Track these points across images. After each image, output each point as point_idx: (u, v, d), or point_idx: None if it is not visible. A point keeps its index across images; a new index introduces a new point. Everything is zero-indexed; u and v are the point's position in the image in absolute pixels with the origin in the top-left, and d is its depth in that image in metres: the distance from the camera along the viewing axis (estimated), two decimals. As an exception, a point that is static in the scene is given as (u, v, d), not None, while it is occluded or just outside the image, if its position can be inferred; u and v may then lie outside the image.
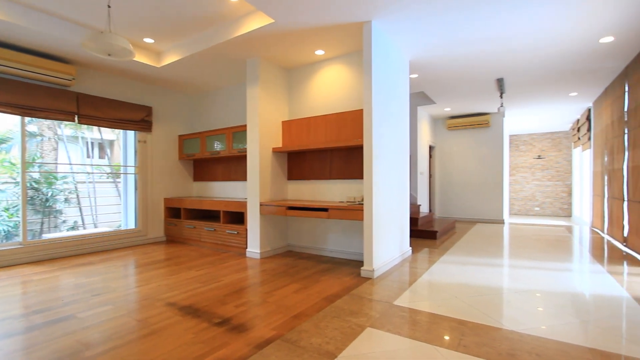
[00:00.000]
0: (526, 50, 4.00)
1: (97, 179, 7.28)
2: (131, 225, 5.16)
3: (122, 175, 5.31)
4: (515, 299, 2.65)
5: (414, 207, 6.19)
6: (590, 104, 6.69)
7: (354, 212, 3.34)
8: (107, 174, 7.54)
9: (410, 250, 4.29)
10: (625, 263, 3.80)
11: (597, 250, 4.56)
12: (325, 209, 3.54)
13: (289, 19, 3.18)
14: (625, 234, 4.56)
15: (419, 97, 6.14)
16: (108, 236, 4.71)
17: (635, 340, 1.95)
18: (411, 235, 5.60)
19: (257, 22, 3.36)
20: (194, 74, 4.73)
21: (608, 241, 5.17)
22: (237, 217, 4.80)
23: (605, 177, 5.54)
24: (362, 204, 3.35)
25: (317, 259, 4.00)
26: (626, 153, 4.52)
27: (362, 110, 3.73)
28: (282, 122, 4.44)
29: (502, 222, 7.65)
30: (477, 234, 6.00)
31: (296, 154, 4.47)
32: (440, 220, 6.97)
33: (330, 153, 4.15)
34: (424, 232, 5.52)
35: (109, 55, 2.87)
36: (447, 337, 1.98)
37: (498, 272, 3.41)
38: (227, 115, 5.30)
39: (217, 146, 5.01)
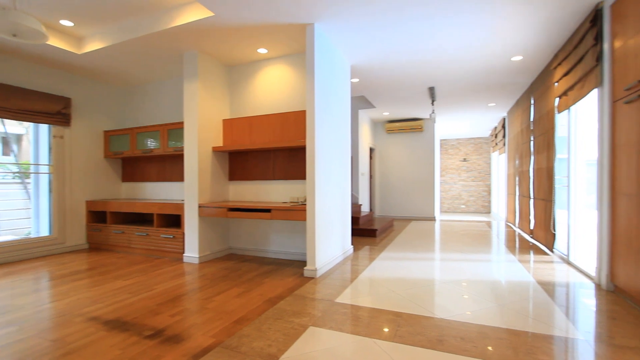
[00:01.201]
0: (452, 64, 4.40)
1: (0, 180, 6.24)
2: (44, 232, 4.52)
3: (32, 175, 4.62)
4: (444, 289, 2.89)
5: (356, 207, 6.41)
6: (505, 114, 7.61)
7: (297, 212, 3.35)
8: (13, 173, 6.51)
9: (352, 249, 4.43)
10: (531, 252, 4.39)
11: (510, 242, 5.19)
12: (268, 210, 3.48)
13: (229, 14, 3.08)
14: (532, 227, 5.27)
15: (360, 101, 6.39)
16: (13, 246, 4.06)
17: (539, 319, 2.26)
18: (353, 234, 5.79)
19: (195, 14, 3.19)
20: (123, 64, 4.31)
21: (519, 234, 5.93)
22: (173, 220, 4.49)
23: (516, 178, 6.34)
24: (305, 204, 3.38)
25: (260, 261, 3.92)
26: (532, 157, 5.23)
27: (305, 111, 3.76)
28: (223, 120, 4.27)
29: (433, 219, 8.31)
30: (412, 231, 6.43)
31: (238, 153, 4.33)
32: (380, 218, 7.33)
33: (274, 153, 4.11)
34: (365, 230, 5.75)
35: (14, 36, 2.48)
36: (384, 330, 2.08)
37: (430, 266, 3.69)
38: (162, 111, 4.93)
39: (151, 144, 4.64)
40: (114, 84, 5.15)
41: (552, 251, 4.30)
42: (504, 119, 7.74)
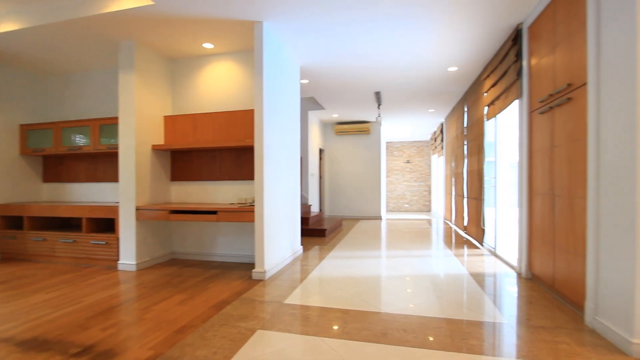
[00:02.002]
0: (396, 71, 4.64)
1: None
2: (-61, 242, 3.82)
3: None
4: (390, 284, 3.03)
5: (305, 207, 6.44)
6: (443, 120, 8.23)
7: (245, 213, 3.26)
8: None
9: (302, 249, 4.44)
10: (465, 247, 4.79)
11: (448, 238, 5.62)
12: (214, 212, 3.34)
13: (171, 4, 2.90)
14: (465, 224, 5.76)
15: (309, 102, 6.44)
16: None
17: (471, 307, 2.47)
18: (303, 234, 5.81)
19: (132, 0, 2.94)
20: (43, 50, 3.82)
21: (454, 230, 6.44)
22: (106, 225, 4.09)
23: (453, 179, 6.89)
24: (254, 205, 3.31)
25: (205, 266, 3.75)
26: (465, 160, 5.73)
27: (253, 110, 3.68)
28: (165, 117, 4.01)
29: (380, 218, 8.67)
30: (360, 230, 6.64)
31: (182, 152, 4.09)
32: (329, 218, 7.45)
33: (220, 153, 3.95)
34: (315, 230, 5.80)
35: None
36: (332, 328, 2.12)
37: (377, 263, 3.84)
38: (93, 105, 4.47)
39: (79, 140, 4.18)
40: (33, 72, 4.54)
41: (482, 245, 4.75)
42: (442, 124, 8.37)
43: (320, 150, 8.67)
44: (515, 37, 3.35)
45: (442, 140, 8.41)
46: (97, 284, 3.10)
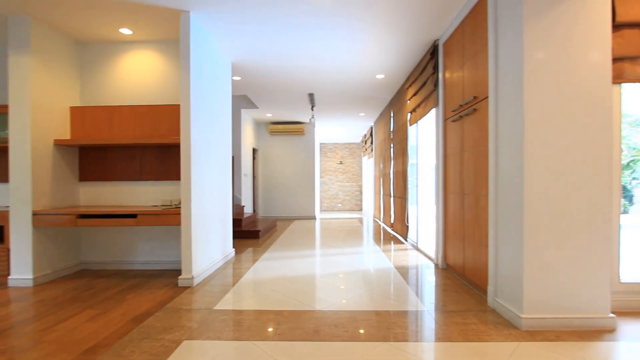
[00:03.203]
0: (329, 74, 4.78)
1: None
2: None
3: None
4: (323, 282, 3.09)
5: (238, 208, 6.24)
6: (372, 123, 8.72)
7: (170, 216, 3.03)
8: None
9: (234, 252, 4.29)
10: (392, 242, 5.15)
11: (377, 235, 5.97)
12: (133, 215, 3.03)
13: (80, -21, 2.55)
14: (392, 221, 6.20)
15: (242, 100, 6.26)
16: None
17: (397, 299, 2.66)
18: (235, 236, 5.61)
19: (27, -31, 2.51)
20: None
21: (383, 227, 6.88)
22: (-8, 234, 3.42)
23: (381, 179, 7.35)
24: (180, 207, 3.08)
25: (123, 275, 3.38)
26: (392, 162, 6.16)
27: (179, 105, 3.44)
28: (71, 108, 3.51)
29: (314, 218, 8.83)
30: (294, 230, 6.67)
31: (94, 149, 3.63)
32: (263, 219, 7.33)
33: (142, 150, 3.60)
34: (248, 232, 5.65)
35: None
36: (265, 330, 2.08)
37: (311, 262, 3.90)
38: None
39: (-48, 132, 3.41)
40: None
41: (406, 240, 5.15)
42: (372, 128, 8.87)
43: (254, 150, 8.48)
44: (433, 51, 3.71)
45: (371, 143, 8.91)
46: (-22, 305, 2.57)
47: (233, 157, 5.77)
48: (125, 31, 3.37)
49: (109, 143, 3.32)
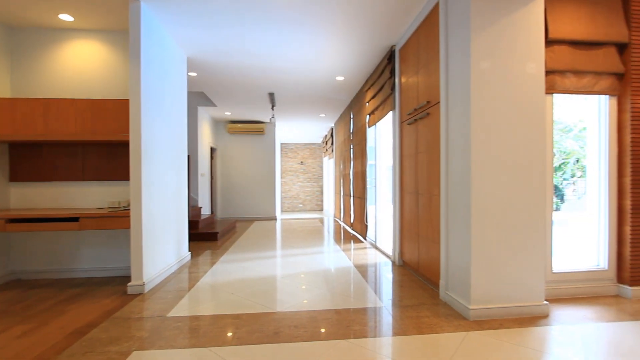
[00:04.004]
0: (290, 74, 4.76)
1: None
2: None
3: None
4: (284, 283, 3.07)
5: (195, 210, 5.99)
6: (333, 124, 8.83)
7: (118, 219, 2.82)
8: None
9: (190, 255, 4.11)
10: (352, 242, 5.25)
11: (337, 234, 6.06)
12: (75, 219, 2.78)
13: (11, -44, 2.28)
14: (352, 221, 6.32)
15: (199, 97, 6.01)
16: None
17: (356, 297, 2.71)
18: (192, 239, 5.38)
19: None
20: None
21: (343, 227, 6.99)
22: None
23: (341, 180, 7.47)
24: (129, 209, 2.88)
25: (63, 285, 3.08)
26: (351, 162, 6.28)
27: (128, 100, 3.22)
28: None
29: (275, 218, 8.73)
30: (255, 231, 6.55)
31: (26, 146, 3.27)
32: (222, 221, 7.10)
33: (84, 148, 3.32)
34: (206, 234, 5.44)
35: None
36: (222, 335, 2.02)
37: (272, 263, 3.85)
38: None
39: None
40: None
41: (365, 239, 5.28)
42: (332, 129, 8.97)
43: (212, 149, 8.19)
44: (390, 56, 3.85)
45: (332, 144, 9.02)
46: None
47: (189, 156, 5.51)
48: (66, 17, 3.09)
49: (44, 139, 3.01)
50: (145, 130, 2.92)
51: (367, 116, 4.98)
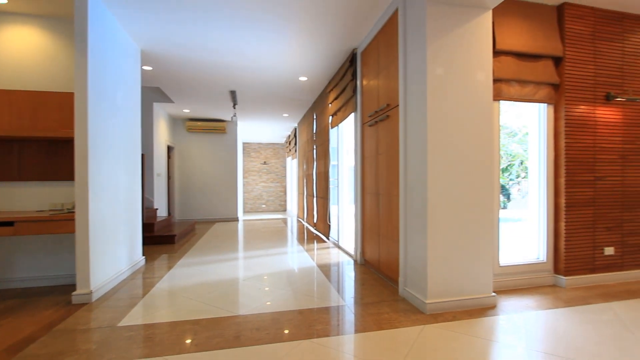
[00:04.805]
0: (252, 72, 4.67)
1: None
2: None
3: None
4: (246, 285, 3.00)
5: (150, 212, 5.67)
6: (296, 124, 8.81)
7: (61, 223, 2.59)
8: None
9: (144, 260, 3.88)
10: (315, 242, 5.28)
11: (301, 235, 6.05)
12: (10, 223, 2.51)
13: None
14: (315, 221, 6.35)
15: (155, 93, 5.70)
16: None
17: (319, 296, 2.73)
18: (147, 242, 5.08)
19: None
20: None
21: (306, 227, 7.00)
22: None
23: (304, 180, 7.48)
24: (74, 211, 2.65)
25: (-7, 297, 2.76)
26: (315, 163, 6.31)
27: (73, 93, 2.97)
28: None
29: (237, 219, 8.52)
30: (215, 233, 6.34)
31: (-51, 142, 2.89)
32: (180, 223, 6.79)
33: (21, 145, 3.01)
34: (162, 237, 5.17)
35: None
36: (180, 343, 1.93)
37: (233, 265, 3.74)
38: None
39: None
40: None
41: (328, 239, 5.33)
42: (295, 129, 8.95)
43: (170, 148, 7.80)
44: (352, 59, 3.92)
45: (295, 144, 9.00)
46: None
47: (143, 155, 5.19)
48: (-2, -1, 2.77)
49: (-28, 135, 2.68)
50: (93, 126, 2.71)
51: (330, 117, 5.03)
